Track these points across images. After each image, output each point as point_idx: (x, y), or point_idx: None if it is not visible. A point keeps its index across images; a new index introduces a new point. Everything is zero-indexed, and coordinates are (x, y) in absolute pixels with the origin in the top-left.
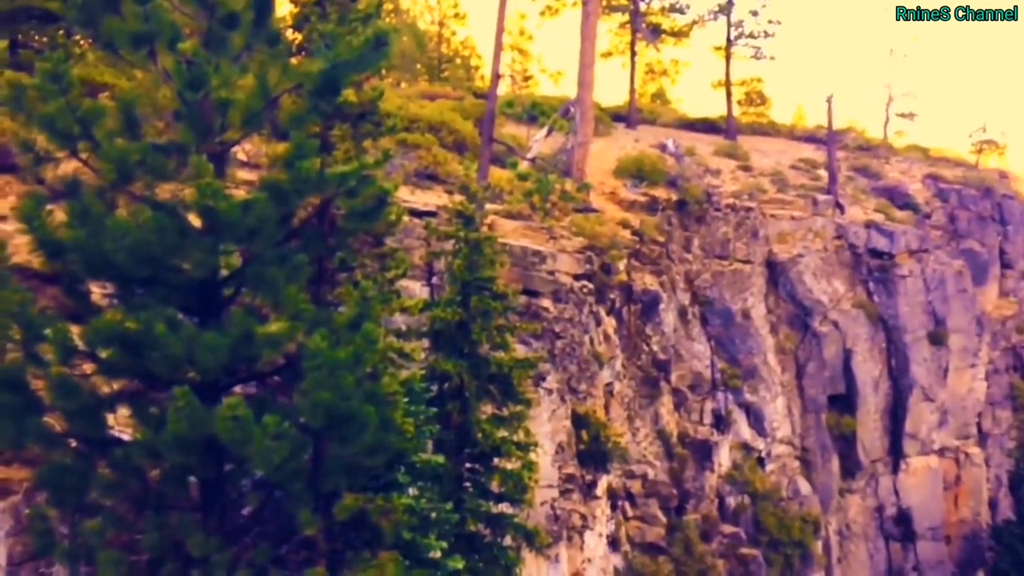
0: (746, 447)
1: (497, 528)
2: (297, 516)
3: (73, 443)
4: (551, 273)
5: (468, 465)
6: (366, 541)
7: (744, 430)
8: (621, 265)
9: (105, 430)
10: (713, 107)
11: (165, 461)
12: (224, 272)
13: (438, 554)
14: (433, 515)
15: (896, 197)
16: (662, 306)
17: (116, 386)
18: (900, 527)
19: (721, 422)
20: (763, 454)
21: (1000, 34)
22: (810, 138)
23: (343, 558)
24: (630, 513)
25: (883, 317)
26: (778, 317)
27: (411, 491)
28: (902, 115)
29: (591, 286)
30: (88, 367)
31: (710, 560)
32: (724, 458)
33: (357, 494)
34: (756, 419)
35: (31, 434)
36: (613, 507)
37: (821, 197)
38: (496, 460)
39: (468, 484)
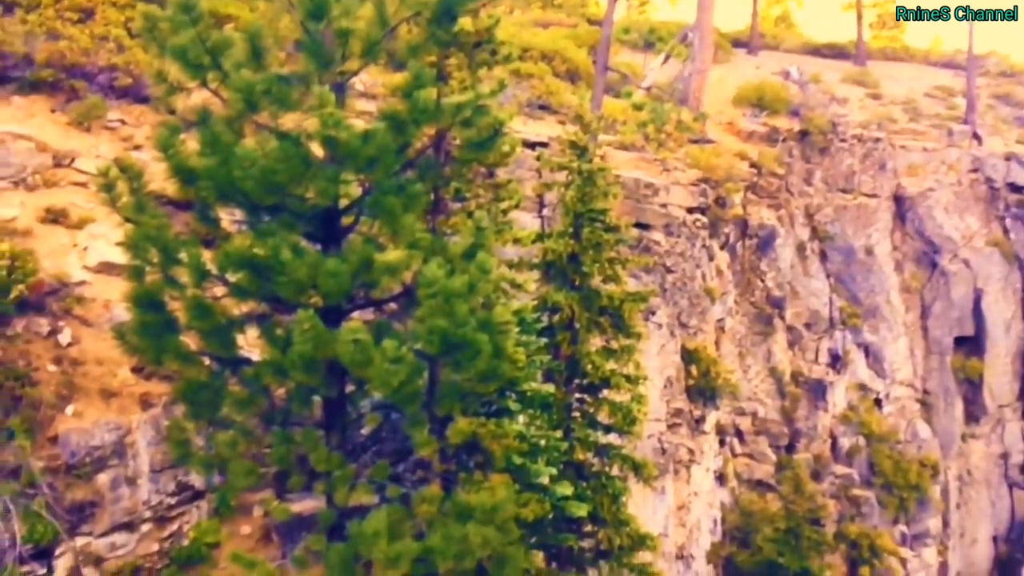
0: (863, 388)
1: (605, 458)
2: (413, 437)
3: (207, 361)
4: (664, 206)
5: (577, 395)
6: (478, 464)
7: (862, 370)
8: (737, 198)
9: (236, 349)
10: (842, 31)
11: (291, 380)
12: (344, 201)
13: (546, 480)
14: (543, 442)
15: None
16: (779, 241)
17: (245, 308)
18: None
19: (837, 362)
20: (881, 395)
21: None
22: (947, 64)
23: (456, 479)
24: (738, 450)
25: (1019, 256)
26: (904, 254)
27: (521, 418)
28: None
29: (705, 220)
30: (219, 290)
31: (820, 499)
32: (839, 398)
33: (470, 419)
34: (875, 359)
35: (169, 351)
36: (721, 443)
37: (957, 127)
38: (605, 392)
39: (577, 414)
